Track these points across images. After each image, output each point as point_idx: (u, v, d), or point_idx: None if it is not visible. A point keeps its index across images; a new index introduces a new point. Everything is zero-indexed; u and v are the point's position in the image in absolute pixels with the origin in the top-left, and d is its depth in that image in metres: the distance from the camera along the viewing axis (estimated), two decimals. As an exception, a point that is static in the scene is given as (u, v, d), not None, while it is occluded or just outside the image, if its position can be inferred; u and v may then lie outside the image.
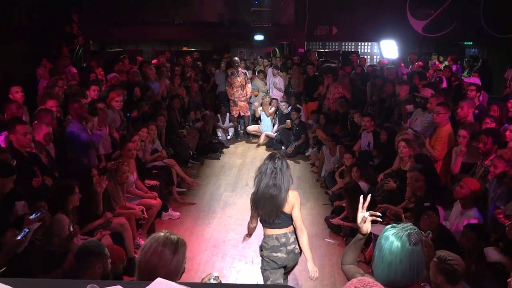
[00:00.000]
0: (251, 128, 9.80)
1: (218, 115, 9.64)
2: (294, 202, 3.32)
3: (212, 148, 8.73)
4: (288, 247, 3.38)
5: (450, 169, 4.88)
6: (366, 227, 2.18)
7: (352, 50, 14.02)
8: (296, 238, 3.40)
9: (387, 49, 12.54)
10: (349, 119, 7.68)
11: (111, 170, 4.77)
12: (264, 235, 3.45)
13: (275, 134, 9.25)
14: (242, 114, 9.82)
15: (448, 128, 5.13)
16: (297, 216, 3.33)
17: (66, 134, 5.00)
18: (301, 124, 8.87)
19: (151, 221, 5.22)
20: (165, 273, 1.82)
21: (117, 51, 12.58)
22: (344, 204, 5.44)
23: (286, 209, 3.31)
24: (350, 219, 5.15)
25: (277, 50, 12.92)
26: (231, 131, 9.73)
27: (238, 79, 9.40)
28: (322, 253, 4.99)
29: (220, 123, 9.58)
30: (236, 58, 9.66)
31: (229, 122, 9.72)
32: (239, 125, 10.19)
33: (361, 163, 5.98)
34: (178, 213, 5.92)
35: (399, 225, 1.91)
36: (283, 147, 9.07)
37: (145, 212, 5.01)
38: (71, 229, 3.78)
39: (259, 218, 3.42)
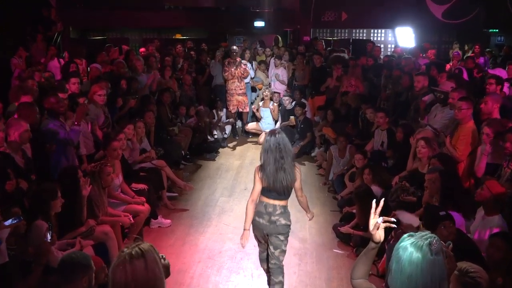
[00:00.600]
0: (251, 126, 9.81)
1: (214, 111, 9.64)
2: (298, 175, 3.91)
3: (207, 148, 8.74)
4: (272, 217, 3.86)
5: (473, 171, 4.88)
6: (379, 235, 2.18)
7: (364, 38, 14.01)
8: (285, 212, 3.90)
9: (403, 37, 12.53)
10: (360, 116, 7.69)
11: (93, 172, 4.76)
12: (258, 200, 3.92)
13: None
14: (240, 110, 9.83)
15: (471, 126, 5.13)
16: (299, 187, 3.95)
17: (41, 132, 4.99)
18: (307, 121, 8.89)
19: (138, 229, 5.21)
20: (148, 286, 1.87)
21: (100, 39, 12.58)
22: (354, 211, 5.44)
23: (295, 184, 3.89)
24: (361, 227, 5.15)
25: (279, 38, 12.93)
26: (228, 129, 9.74)
27: (236, 70, 9.42)
28: (330, 265, 4.99)
29: (216, 120, 9.59)
30: (235, 47, 9.65)
31: (226, 119, 9.73)
32: (236, 122, 10.22)
33: (373, 164, 5.98)
34: (168, 221, 5.92)
35: (417, 233, 1.92)
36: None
37: (131, 220, 5.01)
38: (49, 238, 3.78)
39: (265, 188, 3.86)
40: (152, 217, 5.75)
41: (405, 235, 1.94)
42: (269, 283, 4.06)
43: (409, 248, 1.86)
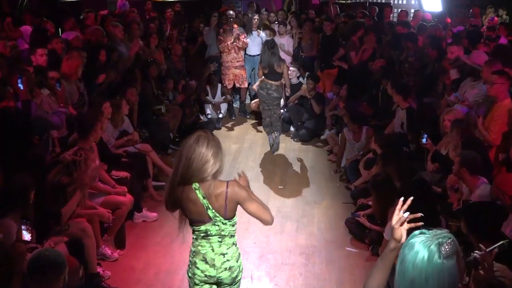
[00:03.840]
0: (255, 103, 9.59)
1: (207, 87, 9.60)
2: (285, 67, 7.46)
3: (198, 129, 8.68)
4: (269, 91, 7.45)
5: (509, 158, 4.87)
6: (401, 232, 2.12)
7: (382, 1, 13.87)
8: (279, 89, 7.57)
9: (429, 0, 12.39)
10: (381, 90, 7.66)
11: (74, 162, 4.68)
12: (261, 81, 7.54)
13: (282, 111, 9.15)
14: (238, 85, 9.78)
15: (507, 104, 5.10)
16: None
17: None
18: (319, 96, 8.85)
19: (119, 224, 5.23)
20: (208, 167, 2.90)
21: (73, 1, 12.40)
22: (370, 203, 5.45)
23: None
24: (378, 221, 5.16)
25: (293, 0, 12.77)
26: (223, 107, 9.70)
27: (234, 43, 9.33)
28: (342, 266, 5.02)
29: (210, 97, 9.56)
30: (231, 12, 9.54)
31: (221, 96, 9.70)
32: (234, 100, 10.17)
33: (392, 149, 5.97)
34: (155, 214, 5.94)
35: (430, 231, 1.88)
36: (291, 128, 9.06)
37: (111, 217, 5.01)
38: (28, 237, 3.82)
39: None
40: (135, 210, 5.77)
41: (416, 232, 1.90)
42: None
43: (415, 247, 1.83)
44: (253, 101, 9.47)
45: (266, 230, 5.30)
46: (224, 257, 3.05)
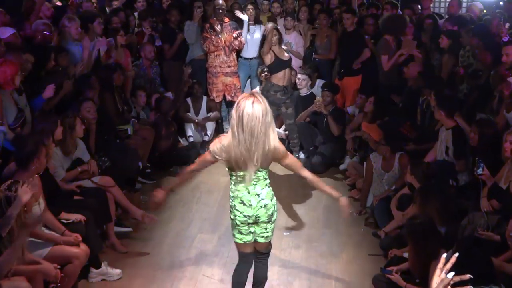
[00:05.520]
0: None
1: (189, 100, 9.63)
2: None
3: (177, 158, 8.77)
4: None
5: None
6: None
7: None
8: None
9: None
10: (420, 105, 7.67)
11: (7, 199, 4.69)
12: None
13: (283, 131, 9.17)
14: (229, 98, 9.85)
15: None
16: None
17: None
18: (338, 112, 8.86)
19: (71, 284, 5.21)
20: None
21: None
22: (406, 255, 5.43)
23: None
24: (416, 279, 5.13)
25: None
26: (210, 127, 9.75)
27: (222, 37, 9.41)
28: None
29: (192, 113, 9.59)
30: (220, 1, 9.60)
31: (207, 113, 9.72)
32: (224, 118, 10.21)
33: (435, 183, 5.98)
34: (118, 271, 5.91)
35: None
36: (301, 154, 9.07)
37: (59, 274, 4.97)
38: None
39: None
40: (92, 265, 5.73)
41: None
42: None
43: None
44: None
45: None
46: (259, 197, 4.47)
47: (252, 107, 4.18)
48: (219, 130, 9.93)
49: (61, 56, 7.51)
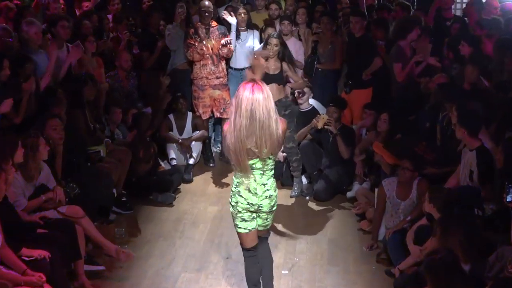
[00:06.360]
0: None
1: (171, 117, 9.63)
2: None
3: (158, 183, 8.77)
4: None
5: None
6: None
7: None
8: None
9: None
10: (439, 122, 7.69)
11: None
12: None
13: (284, 154, 9.14)
14: (218, 115, 9.87)
15: None
16: None
17: None
18: (347, 132, 8.86)
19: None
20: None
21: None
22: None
23: None
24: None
25: None
26: (196, 148, 9.77)
27: (209, 43, 9.44)
28: None
29: (175, 132, 9.60)
30: (207, 3, 9.60)
31: (193, 132, 9.73)
32: (211, 138, 10.20)
33: (457, 213, 5.96)
34: (88, 317, 5.86)
35: None
36: (304, 179, 9.05)
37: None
38: None
39: None
40: (57, 311, 5.68)
41: None
42: None
43: None
44: None
45: None
46: (264, 187, 5.12)
47: (252, 91, 4.71)
48: (206, 152, 9.92)
49: (26, 65, 7.46)
